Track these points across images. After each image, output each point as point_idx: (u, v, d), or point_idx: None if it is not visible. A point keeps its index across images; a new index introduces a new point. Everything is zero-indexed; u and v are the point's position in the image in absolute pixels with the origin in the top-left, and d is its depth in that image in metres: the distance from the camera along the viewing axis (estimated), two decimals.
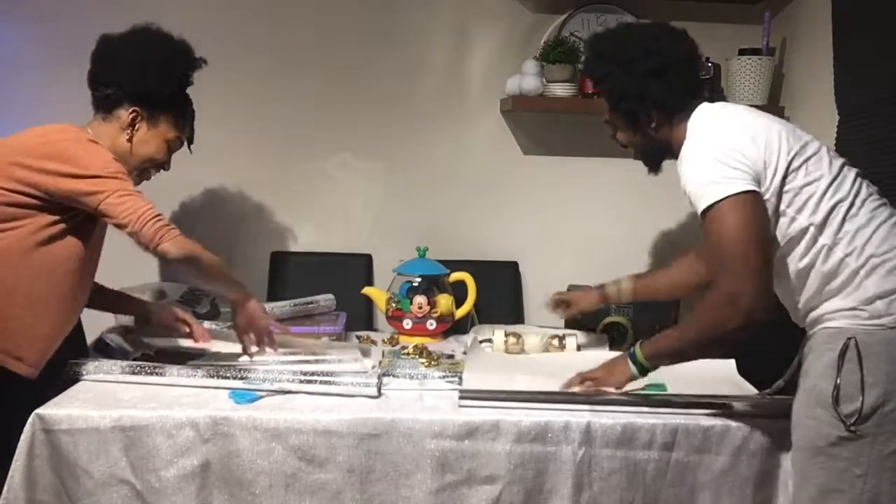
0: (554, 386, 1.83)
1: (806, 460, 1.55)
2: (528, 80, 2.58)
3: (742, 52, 2.58)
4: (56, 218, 1.73)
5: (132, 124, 1.86)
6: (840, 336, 1.50)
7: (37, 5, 2.57)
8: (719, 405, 1.75)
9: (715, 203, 1.51)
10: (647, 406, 1.75)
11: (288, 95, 2.69)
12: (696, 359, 1.71)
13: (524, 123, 2.78)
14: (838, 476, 1.49)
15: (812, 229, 1.54)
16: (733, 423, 1.70)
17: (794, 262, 1.57)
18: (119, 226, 1.70)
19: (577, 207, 2.82)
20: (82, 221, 1.77)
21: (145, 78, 1.83)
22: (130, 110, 1.85)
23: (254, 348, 1.95)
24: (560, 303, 2.26)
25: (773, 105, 2.66)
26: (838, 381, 1.48)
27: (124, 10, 2.54)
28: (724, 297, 1.51)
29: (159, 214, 1.72)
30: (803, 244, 1.56)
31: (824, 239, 1.54)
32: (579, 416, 1.71)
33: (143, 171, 1.93)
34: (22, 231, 1.71)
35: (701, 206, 1.54)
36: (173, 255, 1.71)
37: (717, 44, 2.69)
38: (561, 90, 2.59)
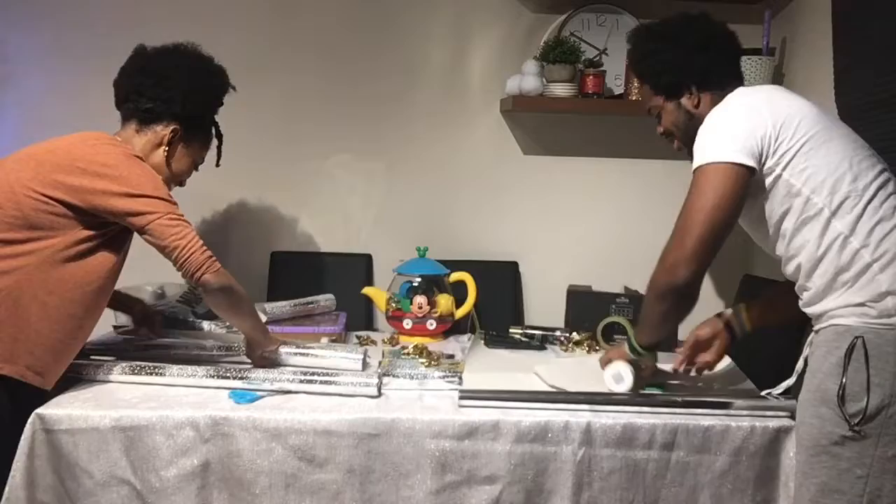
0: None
1: (808, 458, 1.54)
2: (528, 80, 2.58)
3: (742, 52, 2.57)
4: (91, 233, 1.72)
5: (170, 142, 1.87)
6: (848, 334, 1.49)
7: (37, 6, 2.57)
8: (720, 405, 1.75)
9: (704, 165, 1.56)
10: (647, 406, 1.76)
11: (288, 95, 2.69)
12: (664, 326, 1.73)
13: (524, 123, 2.78)
14: (839, 476, 1.49)
15: (826, 212, 1.52)
16: (733, 423, 1.70)
17: (809, 249, 1.54)
18: (163, 247, 1.70)
19: (577, 207, 2.82)
20: (115, 235, 1.76)
21: (194, 101, 1.86)
22: (171, 128, 1.86)
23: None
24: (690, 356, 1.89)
25: None
26: (844, 381, 1.47)
27: (123, 11, 2.57)
28: (671, 261, 1.59)
29: (204, 245, 1.74)
30: (817, 228, 1.53)
31: (841, 227, 1.51)
32: (579, 416, 1.71)
33: (170, 186, 1.92)
34: (57, 243, 1.68)
35: (694, 164, 1.58)
36: (213, 286, 1.73)
37: None
38: (561, 90, 2.59)
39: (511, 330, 2.42)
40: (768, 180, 1.57)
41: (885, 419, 1.45)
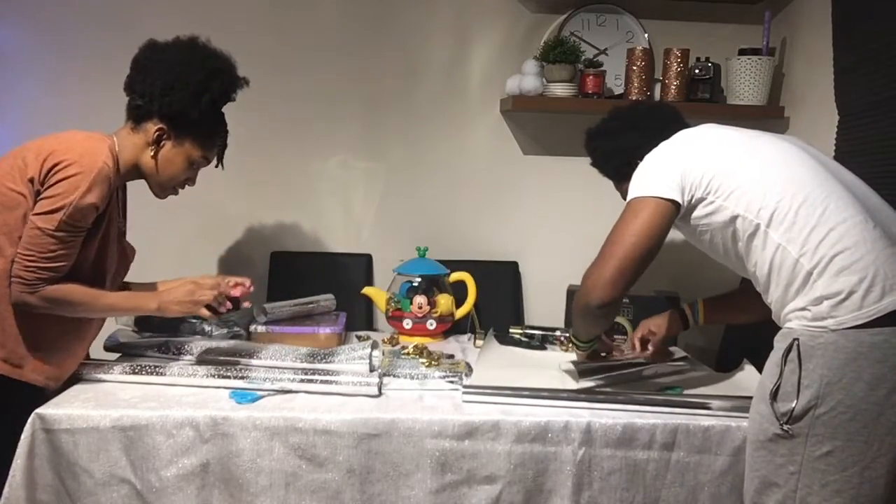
0: (563, 384, 1.86)
1: (752, 452, 1.59)
2: (528, 80, 2.58)
3: (742, 52, 2.58)
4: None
5: (157, 141, 1.81)
6: (789, 336, 1.53)
7: (37, 6, 2.57)
8: (701, 405, 1.76)
9: (633, 198, 1.67)
10: (647, 406, 1.76)
11: (288, 95, 2.69)
12: (591, 331, 1.89)
13: (524, 123, 2.78)
14: (776, 471, 1.53)
15: (762, 226, 1.57)
16: (733, 423, 1.71)
17: (760, 265, 1.60)
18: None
19: (577, 207, 2.82)
20: (86, 239, 1.72)
21: (174, 99, 1.77)
22: (157, 127, 1.80)
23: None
24: (644, 340, 2.07)
25: (773, 105, 2.66)
26: (779, 381, 1.51)
27: (123, 11, 2.56)
28: (587, 280, 1.68)
29: (39, 268, 1.64)
30: (759, 244, 1.58)
31: (777, 238, 1.55)
32: (579, 416, 1.71)
33: (167, 188, 1.89)
34: None
35: (628, 196, 1.69)
36: (30, 302, 1.66)
37: (717, 44, 2.70)
38: (561, 90, 2.59)
39: (511, 330, 2.42)
40: (707, 211, 1.64)
41: (812, 420, 1.47)
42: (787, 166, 1.61)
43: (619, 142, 1.88)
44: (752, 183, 1.59)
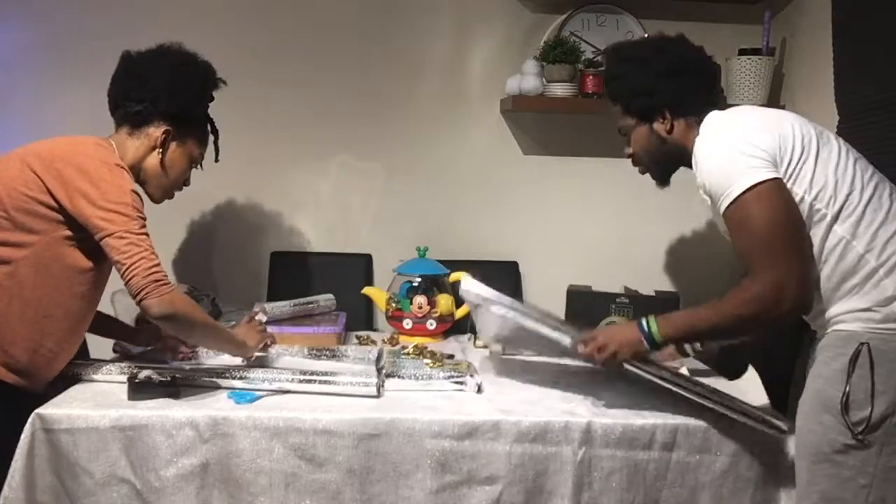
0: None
1: (810, 467, 1.51)
2: (528, 80, 2.58)
3: (742, 52, 2.58)
4: (73, 234, 1.69)
5: (163, 143, 1.84)
6: (852, 340, 1.45)
7: (36, 7, 2.57)
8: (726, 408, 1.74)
9: (742, 194, 1.49)
10: (648, 406, 1.76)
11: (288, 96, 2.69)
12: (716, 340, 1.76)
13: (524, 123, 2.78)
14: (842, 485, 1.45)
15: (828, 217, 1.50)
16: (734, 424, 1.70)
17: (814, 257, 1.52)
18: (114, 264, 1.66)
19: (577, 207, 2.82)
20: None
21: (180, 98, 1.83)
22: (163, 129, 1.83)
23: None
24: None
25: (773, 105, 2.65)
26: (847, 388, 1.43)
27: (123, 13, 2.57)
28: (770, 287, 1.47)
29: (155, 266, 1.64)
30: (819, 234, 1.51)
31: (842, 231, 1.49)
32: (579, 415, 1.71)
33: (170, 190, 1.92)
34: (39, 244, 1.68)
35: (727, 199, 1.51)
36: (153, 313, 1.64)
37: (717, 44, 2.67)
38: (561, 90, 2.59)
39: None
40: None
41: (890, 427, 1.42)
42: (851, 162, 1.55)
43: (656, 82, 1.68)
44: (825, 171, 1.52)
